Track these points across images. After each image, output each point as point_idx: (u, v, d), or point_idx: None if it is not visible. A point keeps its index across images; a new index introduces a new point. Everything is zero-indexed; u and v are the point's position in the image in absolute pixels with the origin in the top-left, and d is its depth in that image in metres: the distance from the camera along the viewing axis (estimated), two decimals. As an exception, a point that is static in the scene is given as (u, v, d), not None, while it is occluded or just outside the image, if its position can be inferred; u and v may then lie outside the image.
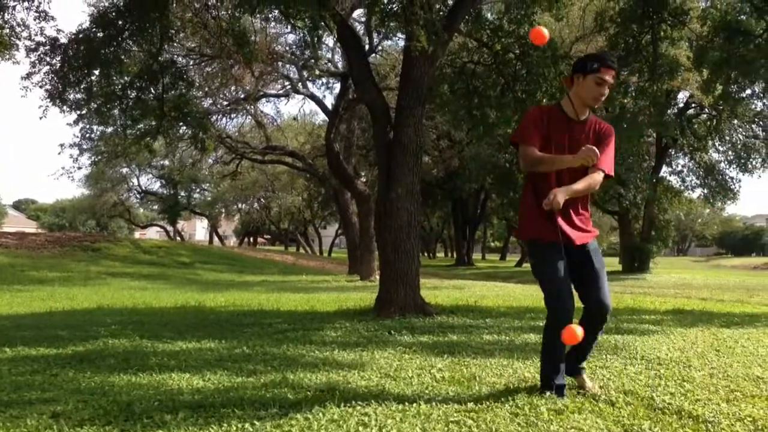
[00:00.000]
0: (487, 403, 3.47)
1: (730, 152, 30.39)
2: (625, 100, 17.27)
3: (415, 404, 3.43)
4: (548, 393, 3.54)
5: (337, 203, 22.20)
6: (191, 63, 16.39)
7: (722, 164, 31.08)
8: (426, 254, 58.41)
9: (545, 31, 3.69)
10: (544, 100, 10.38)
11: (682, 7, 11.87)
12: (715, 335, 6.37)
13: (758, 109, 27.54)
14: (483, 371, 4.35)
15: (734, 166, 30.44)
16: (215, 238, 57.57)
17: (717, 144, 30.11)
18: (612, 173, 3.67)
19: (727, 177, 30.88)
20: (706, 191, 31.53)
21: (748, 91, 18.56)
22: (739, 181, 33.92)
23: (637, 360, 4.82)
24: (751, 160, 29.75)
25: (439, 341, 5.81)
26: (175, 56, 14.82)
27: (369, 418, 3.17)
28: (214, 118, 19.57)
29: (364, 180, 24.10)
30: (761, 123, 29.11)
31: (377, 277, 10.24)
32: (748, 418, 3.16)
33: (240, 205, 54.69)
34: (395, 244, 8.08)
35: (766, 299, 13.56)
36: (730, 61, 11.30)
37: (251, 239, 65.11)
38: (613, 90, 15.75)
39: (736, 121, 28.72)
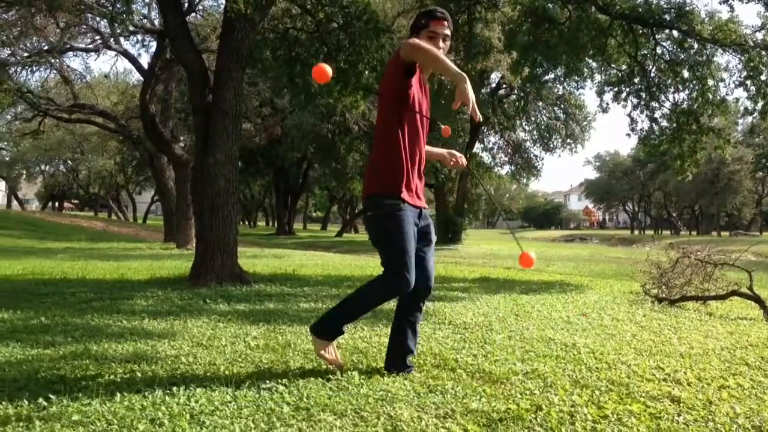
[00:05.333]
0: (300, 369, 3.48)
1: (534, 132, 32.78)
2: (442, 77, 17.99)
3: (227, 372, 3.37)
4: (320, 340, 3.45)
5: (153, 168, 21.14)
6: (-15, 8, 14.75)
7: (528, 143, 33.47)
8: (246, 223, 57.62)
9: (327, 70, 3.21)
10: (366, 72, 10.52)
11: (496, -10, 12.54)
12: (515, 301, 6.86)
13: (560, 92, 29.86)
14: (298, 338, 4.36)
15: (538, 145, 32.92)
16: (14, 202, 52.91)
17: (524, 124, 32.31)
18: None
19: (531, 155, 33.31)
20: (513, 168, 33.83)
21: (551, 75, 20.00)
22: (542, 159, 36.77)
23: (446, 325, 5.08)
24: (552, 140, 32.31)
25: (256, 309, 5.76)
26: (-34, -2, 13.26)
27: (177, 387, 3.06)
28: (12, 70, 17.79)
29: (183, 145, 23.19)
30: (562, 105, 31.60)
31: (194, 245, 9.93)
32: (539, 376, 3.43)
33: (43, 167, 50.61)
34: (212, 210, 7.87)
35: (560, 268, 14.82)
36: (536, 46, 12.09)
37: (56, 204, 60.58)
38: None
39: (540, 103, 30.97)
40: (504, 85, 29.70)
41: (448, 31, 3.42)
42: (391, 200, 3.30)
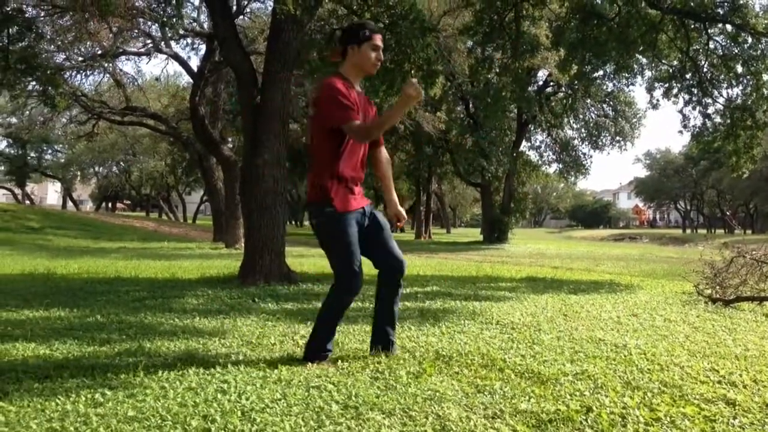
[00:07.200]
0: (349, 368, 3.51)
1: (582, 130, 32.32)
2: (490, 76, 17.87)
3: (276, 370, 3.41)
4: (316, 363, 3.59)
5: (202, 169, 21.52)
6: (42, 14, 15.19)
7: (576, 141, 32.98)
8: (293, 223, 58.14)
9: None
10: (412, 71, 10.50)
11: (544, -13, 12.38)
12: (564, 301, 6.77)
13: (609, 89, 29.38)
14: (346, 337, 4.38)
15: (586, 143, 32.45)
16: (69, 203, 54.39)
17: (572, 121, 31.86)
18: None
19: (579, 153, 32.81)
20: (560, 166, 33.39)
21: (600, 72, 19.72)
22: (591, 157, 36.28)
23: (493, 325, 5.05)
24: (601, 137, 31.82)
25: (304, 308, 5.81)
26: (24, 5, 13.68)
27: (228, 385, 3.12)
28: (68, 74, 18.29)
29: (231, 146, 23.51)
30: (611, 103, 31.07)
31: (243, 244, 10.08)
32: (589, 377, 3.39)
33: (97, 169, 51.85)
34: (260, 211, 7.97)
35: (609, 268, 14.57)
36: (584, 42, 11.92)
37: (109, 204, 62.08)
38: (479, 65, 16.22)
39: (589, 101, 30.50)
40: (551, 83, 29.30)
41: (382, 44, 3.71)
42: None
